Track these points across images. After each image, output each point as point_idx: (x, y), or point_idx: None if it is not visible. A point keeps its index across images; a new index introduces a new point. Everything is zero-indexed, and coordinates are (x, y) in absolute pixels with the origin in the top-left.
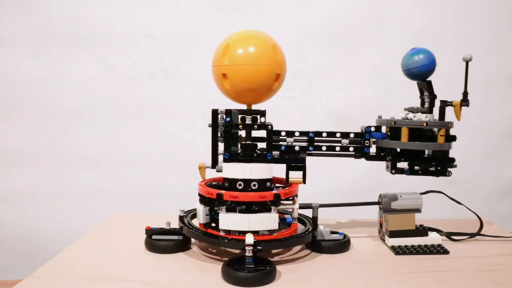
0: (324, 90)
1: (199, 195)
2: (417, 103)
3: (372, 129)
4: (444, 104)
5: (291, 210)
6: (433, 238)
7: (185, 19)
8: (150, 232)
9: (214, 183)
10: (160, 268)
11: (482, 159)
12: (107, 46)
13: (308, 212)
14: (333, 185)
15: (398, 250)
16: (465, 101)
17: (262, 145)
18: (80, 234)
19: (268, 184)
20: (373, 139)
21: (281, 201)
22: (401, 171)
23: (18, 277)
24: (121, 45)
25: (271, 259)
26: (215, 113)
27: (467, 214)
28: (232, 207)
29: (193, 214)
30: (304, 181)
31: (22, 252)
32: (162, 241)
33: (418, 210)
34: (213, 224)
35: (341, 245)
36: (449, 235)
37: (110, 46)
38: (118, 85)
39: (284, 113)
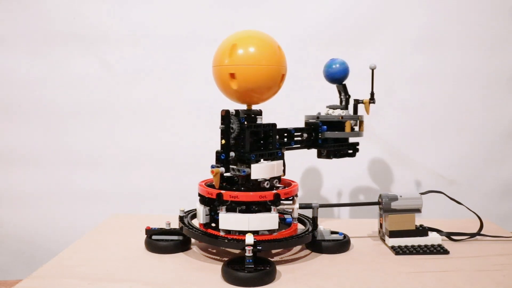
0: (325, 89)
1: (199, 195)
2: (414, 102)
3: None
4: (357, 102)
5: (291, 210)
6: (433, 238)
7: (185, 19)
8: (150, 232)
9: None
10: (160, 268)
11: (482, 159)
12: (106, 46)
13: (308, 212)
14: (333, 185)
15: (398, 250)
16: (372, 99)
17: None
18: (80, 234)
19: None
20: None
21: (281, 201)
22: (333, 156)
23: (18, 278)
24: (120, 45)
25: (271, 259)
26: (227, 114)
27: (467, 214)
28: (232, 207)
29: (193, 214)
30: (284, 173)
31: (21, 252)
32: (162, 241)
33: (418, 210)
34: (213, 224)
35: (341, 245)
36: (449, 235)
37: (109, 46)
38: (117, 84)
39: (283, 112)
